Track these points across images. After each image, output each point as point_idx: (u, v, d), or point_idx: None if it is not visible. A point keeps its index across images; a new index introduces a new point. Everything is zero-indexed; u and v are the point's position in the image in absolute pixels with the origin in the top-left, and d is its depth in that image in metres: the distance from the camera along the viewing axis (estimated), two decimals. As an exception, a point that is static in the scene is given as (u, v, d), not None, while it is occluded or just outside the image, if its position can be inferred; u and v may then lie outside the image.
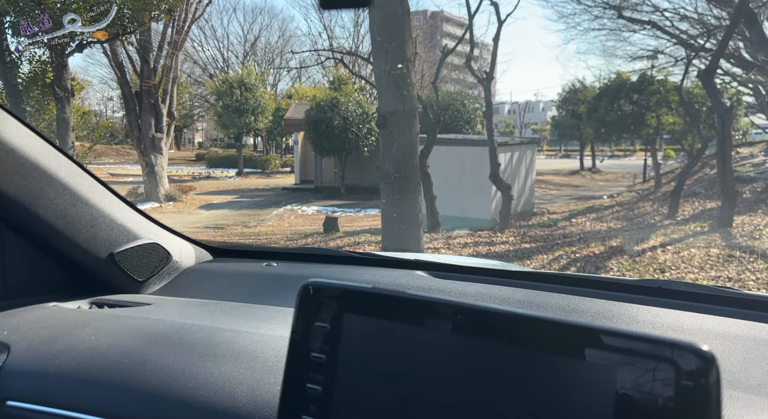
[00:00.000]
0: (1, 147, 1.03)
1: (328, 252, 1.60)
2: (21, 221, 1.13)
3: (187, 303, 1.20)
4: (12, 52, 8.07)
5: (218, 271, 1.43)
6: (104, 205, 1.24)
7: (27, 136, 1.09)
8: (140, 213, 1.36)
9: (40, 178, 1.10)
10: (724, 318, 1.03)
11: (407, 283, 1.30)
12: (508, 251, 8.37)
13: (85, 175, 1.22)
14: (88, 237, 1.20)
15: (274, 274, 1.39)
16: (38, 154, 1.10)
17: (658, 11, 13.39)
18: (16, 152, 1.05)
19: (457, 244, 8.98)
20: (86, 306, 1.19)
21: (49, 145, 1.15)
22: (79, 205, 1.18)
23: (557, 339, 0.53)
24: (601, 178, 25.50)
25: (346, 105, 18.11)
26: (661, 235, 8.25)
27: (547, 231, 10.24)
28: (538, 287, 1.26)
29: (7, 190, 1.05)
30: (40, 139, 1.12)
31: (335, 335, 0.65)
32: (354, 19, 32.02)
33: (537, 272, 1.35)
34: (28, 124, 1.12)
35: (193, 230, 12.02)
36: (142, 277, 1.31)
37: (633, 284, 1.24)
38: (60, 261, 1.22)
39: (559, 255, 7.72)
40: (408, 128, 6.36)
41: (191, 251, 1.46)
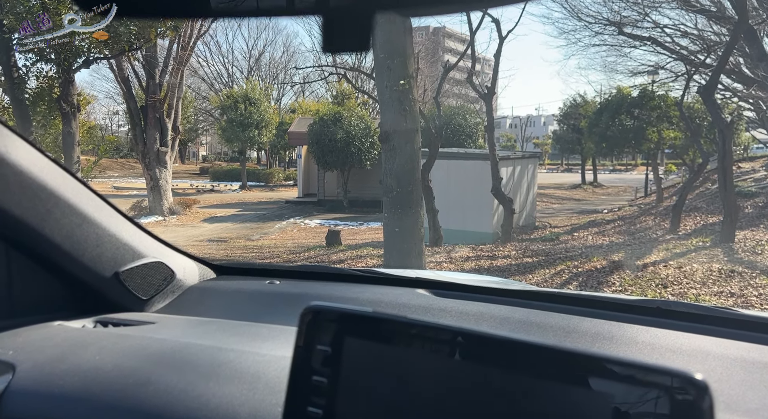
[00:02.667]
0: (9, 169, 1.05)
1: (330, 270, 1.61)
2: (28, 241, 1.15)
3: (190, 322, 1.22)
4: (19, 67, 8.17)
5: (221, 289, 1.44)
6: (110, 225, 1.25)
7: (35, 157, 1.12)
8: (145, 232, 1.38)
9: (47, 199, 1.12)
10: (723, 339, 1.04)
11: (408, 302, 1.31)
12: (510, 265, 8.36)
13: (92, 194, 1.24)
14: (93, 256, 1.21)
15: (277, 292, 1.41)
16: (46, 175, 1.12)
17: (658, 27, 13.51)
18: (25, 174, 1.08)
19: (459, 258, 8.97)
20: (91, 325, 1.20)
21: (57, 165, 1.17)
22: (86, 224, 1.20)
23: (556, 365, 0.54)
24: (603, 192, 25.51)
25: (348, 119, 18.23)
26: (663, 250, 8.23)
27: (549, 246, 10.23)
28: (538, 306, 1.27)
29: (14, 211, 1.07)
30: (47, 160, 1.15)
31: (336, 358, 0.66)
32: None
33: (537, 291, 1.36)
34: (36, 146, 1.14)
35: (196, 243, 12.04)
36: (146, 296, 1.32)
37: (632, 304, 1.25)
38: (66, 279, 1.23)
39: (561, 269, 7.70)
40: (410, 143, 6.40)
41: (195, 269, 1.48)
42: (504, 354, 0.58)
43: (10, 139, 1.07)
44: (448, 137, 20.82)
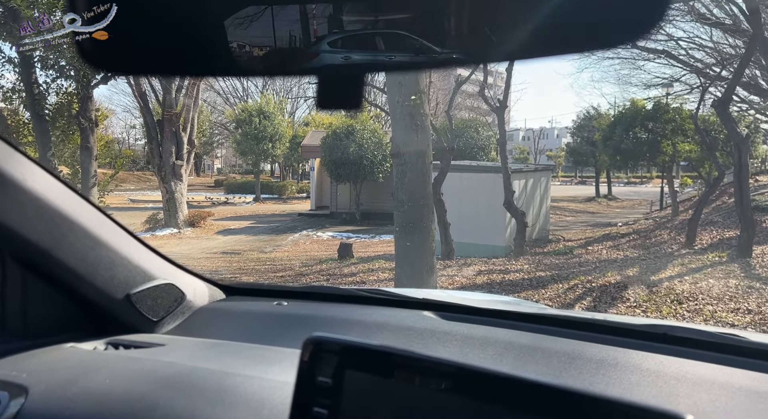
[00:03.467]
0: (26, 196, 1.09)
1: (337, 291, 1.63)
2: (44, 264, 1.18)
3: (199, 345, 1.24)
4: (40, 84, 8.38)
5: (230, 310, 1.46)
6: (122, 247, 1.29)
7: (51, 183, 1.15)
8: (156, 253, 1.41)
9: (62, 224, 1.15)
10: (729, 367, 1.03)
11: (414, 325, 1.32)
12: (523, 279, 8.30)
13: (105, 218, 1.28)
14: (106, 279, 1.24)
15: (285, 314, 1.43)
16: (61, 201, 1.15)
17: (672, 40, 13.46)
18: (41, 200, 1.11)
19: (471, 272, 8.93)
20: (102, 347, 1.23)
21: (71, 191, 1.21)
22: (99, 247, 1.23)
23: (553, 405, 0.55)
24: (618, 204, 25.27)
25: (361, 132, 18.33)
26: (679, 265, 8.13)
27: (563, 259, 10.14)
28: (543, 330, 1.28)
29: (30, 236, 1.11)
30: (62, 186, 1.18)
31: (337, 390, 0.68)
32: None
33: (543, 314, 1.36)
34: (51, 171, 1.18)
35: (210, 256, 12.13)
36: (156, 317, 1.35)
37: (639, 329, 1.24)
38: (79, 301, 1.26)
39: (575, 284, 7.63)
40: (421, 158, 6.42)
41: (205, 290, 1.50)
42: (502, 392, 0.59)
43: (28, 167, 1.11)
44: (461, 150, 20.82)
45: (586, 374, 1.05)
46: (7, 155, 1.08)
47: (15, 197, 1.08)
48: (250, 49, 0.54)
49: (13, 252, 1.17)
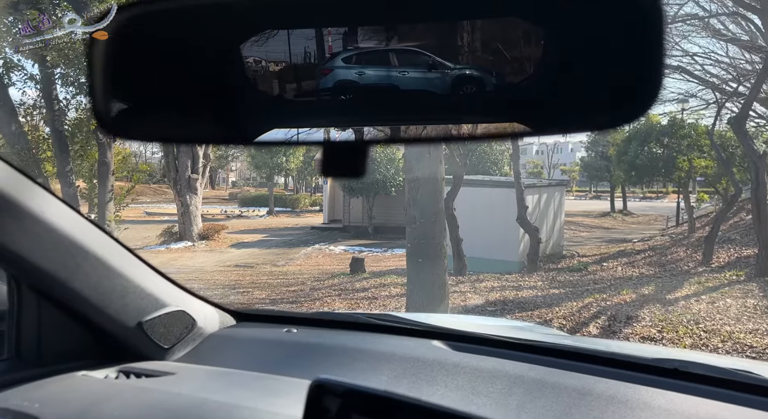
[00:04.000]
0: (43, 227, 1.11)
1: (346, 318, 1.63)
2: (58, 293, 1.20)
3: (208, 374, 1.25)
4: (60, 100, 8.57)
5: (240, 337, 1.47)
6: (135, 275, 1.30)
7: (66, 214, 1.18)
8: (168, 280, 1.42)
9: (77, 253, 1.18)
10: (742, 407, 1.02)
11: (422, 356, 1.32)
12: (536, 297, 8.23)
13: (118, 246, 1.30)
14: (119, 307, 1.26)
15: (294, 342, 1.43)
16: (76, 231, 1.18)
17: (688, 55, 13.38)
18: (57, 231, 1.14)
19: (484, 288, 8.88)
20: (113, 375, 1.24)
21: (86, 220, 1.23)
22: (112, 276, 1.25)
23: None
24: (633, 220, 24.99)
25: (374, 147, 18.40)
26: (695, 284, 8.00)
27: (577, 276, 10.04)
28: (553, 363, 1.26)
29: (46, 266, 1.13)
30: (77, 216, 1.21)
31: (341, 434, 0.68)
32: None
33: (553, 347, 1.35)
34: (66, 203, 1.21)
35: (223, 269, 12.20)
36: (167, 344, 1.36)
37: (650, 363, 1.23)
38: (91, 329, 1.28)
39: (589, 302, 7.55)
40: (433, 174, 6.44)
41: (215, 316, 1.52)
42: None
43: (45, 198, 1.13)
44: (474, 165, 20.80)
45: (596, 411, 1.04)
46: (25, 188, 1.11)
47: (32, 229, 1.10)
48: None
49: (29, 281, 1.19)
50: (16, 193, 1.09)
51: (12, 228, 1.08)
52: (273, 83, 0.68)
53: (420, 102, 0.67)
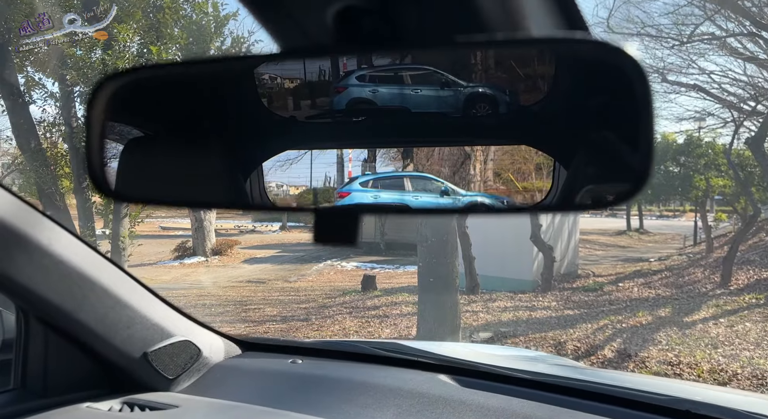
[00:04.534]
0: (51, 260, 1.12)
1: (353, 349, 1.62)
2: (65, 325, 1.21)
3: (212, 407, 1.24)
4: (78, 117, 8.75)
5: (245, 368, 1.46)
6: (141, 305, 1.31)
7: (74, 245, 1.19)
8: (174, 309, 1.43)
9: (84, 285, 1.18)
10: None
11: (429, 391, 1.30)
12: (550, 318, 8.12)
13: (126, 276, 1.31)
14: (124, 338, 1.26)
15: (299, 374, 1.42)
16: (84, 263, 1.19)
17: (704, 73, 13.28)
18: (65, 264, 1.15)
19: (497, 308, 8.78)
20: (117, 407, 1.24)
21: (94, 251, 1.24)
22: (119, 307, 1.25)
23: None
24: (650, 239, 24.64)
25: (388, 163, 18.44)
26: (713, 306, 7.84)
27: (592, 297, 9.90)
28: (562, 402, 1.24)
29: (54, 298, 1.14)
30: (85, 247, 1.22)
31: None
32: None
33: (563, 384, 1.32)
34: (75, 234, 1.22)
35: (236, 284, 12.23)
36: (172, 375, 1.35)
37: (663, 404, 1.20)
38: (97, 360, 1.28)
39: (604, 324, 7.42)
40: (446, 194, 6.42)
41: (221, 345, 1.51)
42: None
43: (54, 232, 1.15)
44: (488, 181, 20.73)
45: None
46: (35, 221, 1.12)
47: (41, 262, 1.11)
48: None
49: (36, 313, 1.20)
50: (26, 226, 1.10)
51: (21, 261, 1.10)
52: (287, 101, 0.69)
53: (432, 122, 0.68)
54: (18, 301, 1.21)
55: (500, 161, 0.72)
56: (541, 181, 0.69)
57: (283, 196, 0.90)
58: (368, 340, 2.08)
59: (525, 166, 0.74)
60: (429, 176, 0.64)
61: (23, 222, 1.10)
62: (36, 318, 1.21)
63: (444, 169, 0.69)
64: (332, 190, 0.68)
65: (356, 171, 0.67)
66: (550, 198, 0.67)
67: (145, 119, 0.66)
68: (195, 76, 0.66)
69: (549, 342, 6.62)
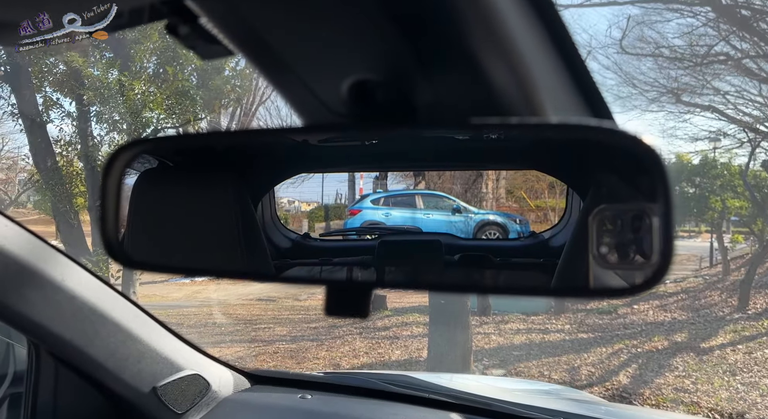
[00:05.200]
0: (63, 295, 1.13)
1: (361, 384, 1.59)
2: (75, 360, 1.21)
3: None
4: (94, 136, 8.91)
5: (254, 403, 1.45)
6: (151, 339, 1.31)
7: (86, 280, 1.19)
8: (184, 342, 1.42)
9: (95, 320, 1.19)
10: None
11: (439, 431, 1.28)
12: (564, 341, 7.99)
13: (137, 311, 1.31)
14: (134, 372, 1.26)
15: (308, 410, 1.40)
16: (96, 298, 1.19)
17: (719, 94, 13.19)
18: (77, 299, 1.15)
19: (509, 331, 8.67)
20: (125, 444, 1.23)
21: (105, 285, 1.25)
22: (129, 341, 1.25)
23: None
24: (665, 259, 24.27)
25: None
26: (731, 332, 7.68)
27: (607, 319, 9.74)
28: None
29: (65, 334, 1.14)
30: (98, 282, 1.22)
31: None
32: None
33: None
34: (88, 269, 1.22)
35: (246, 302, 12.23)
36: (181, 409, 1.34)
37: None
38: (106, 394, 1.28)
39: (619, 349, 7.29)
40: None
41: (230, 379, 1.50)
42: None
43: (66, 267, 1.15)
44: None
45: None
46: (47, 256, 1.13)
47: (53, 297, 1.12)
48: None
49: (48, 347, 1.20)
50: (39, 262, 1.11)
51: (34, 297, 1.10)
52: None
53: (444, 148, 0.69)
54: (30, 337, 1.21)
55: (513, 179, 0.71)
56: (554, 199, 0.68)
57: (294, 212, 0.90)
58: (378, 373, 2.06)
59: (538, 184, 0.72)
60: (440, 194, 0.64)
61: (37, 258, 1.10)
62: (47, 352, 1.22)
63: (456, 186, 0.68)
64: (344, 207, 0.68)
65: (367, 188, 0.67)
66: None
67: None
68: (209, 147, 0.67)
69: (562, 367, 6.51)
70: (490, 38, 0.42)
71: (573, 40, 0.46)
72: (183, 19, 0.58)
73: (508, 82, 0.45)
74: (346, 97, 0.47)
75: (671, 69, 13.20)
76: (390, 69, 0.49)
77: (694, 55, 12.65)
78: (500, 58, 0.43)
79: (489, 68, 0.45)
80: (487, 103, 0.46)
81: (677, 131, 18.13)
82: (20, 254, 1.06)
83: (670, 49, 13.11)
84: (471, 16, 0.41)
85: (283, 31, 0.52)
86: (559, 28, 0.44)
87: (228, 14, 0.52)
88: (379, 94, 0.45)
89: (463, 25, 0.42)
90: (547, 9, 0.43)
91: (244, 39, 0.55)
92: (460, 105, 0.48)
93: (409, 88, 0.47)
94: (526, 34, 0.43)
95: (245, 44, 0.56)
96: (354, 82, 0.46)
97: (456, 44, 0.44)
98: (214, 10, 0.52)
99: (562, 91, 0.49)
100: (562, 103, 0.50)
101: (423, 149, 0.71)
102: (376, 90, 0.46)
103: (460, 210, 0.89)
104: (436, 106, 0.48)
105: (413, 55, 0.47)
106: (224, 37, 0.57)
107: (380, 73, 0.49)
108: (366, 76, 0.46)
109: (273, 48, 0.53)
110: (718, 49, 12.31)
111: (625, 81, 14.02)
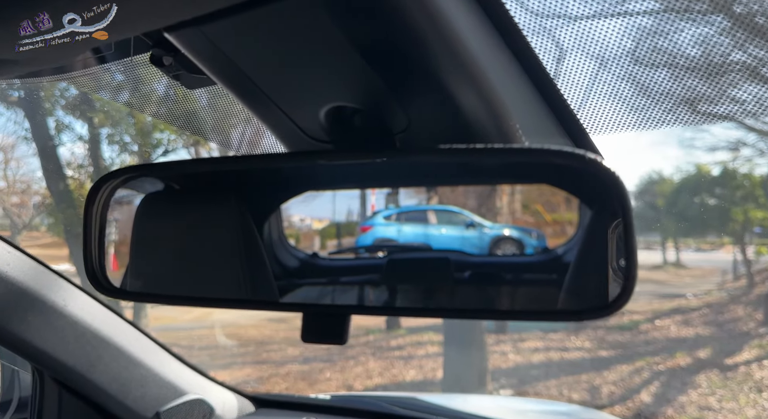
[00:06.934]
0: (66, 320, 1.13)
1: (367, 406, 1.57)
2: (78, 385, 1.21)
3: None
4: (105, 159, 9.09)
5: (257, 428, 1.44)
6: (154, 363, 1.30)
7: (89, 305, 1.20)
8: (188, 367, 1.42)
9: (98, 346, 1.19)
10: None
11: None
12: (584, 359, 7.83)
13: (139, 334, 1.31)
14: (137, 397, 1.26)
15: (312, 434, 1.39)
16: (98, 323, 1.20)
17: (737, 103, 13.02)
18: (79, 324, 1.16)
19: (527, 349, 8.53)
20: (126, 472, 1.22)
21: (109, 310, 1.25)
22: (132, 366, 1.25)
23: None
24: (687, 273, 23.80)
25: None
26: (756, 347, 7.45)
27: (628, 336, 9.54)
28: None
29: (68, 360, 1.15)
30: (101, 307, 1.23)
31: None
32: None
33: None
34: (91, 294, 1.23)
35: (257, 323, 12.22)
36: (184, 435, 1.34)
37: None
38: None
39: (641, 366, 7.12)
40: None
41: (234, 403, 1.49)
42: None
43: (69, 292, 1.16)
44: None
45: None
46: (51, 282, 1.14)
47: (56, 324, 1.13)
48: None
49: (51, 373, 1.21)
50: (42, 288, 1.12)
51: (37, 324, 1.11)
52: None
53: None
54: (33, 363, 1.22)
55: (528, 192, 0.74)
56: (571, 212, 0.71)
57: (306, 230, 0.91)
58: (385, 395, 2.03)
59: (554, 197, 0.75)
60: (454, 209, 0.64)
61: (39, 284, 1.12)
62: (51, 378, 1.22)
63: (470, 201, 0.70)
64: (355, 224, 0.69)
65: (379, 204, 0.67)
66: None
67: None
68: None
69: (583, 386, 6.37)
70: (455, 65, 0.42)
71: (543, 66, 0.46)
72: (165, 50, 0.59)
73: (477, 107, 0.45)
74: (325, 124, 0.47)
75: (687, 78, 13.10)
76: (365, 97, 0.49)
77: (709, 64, 12.55)
78: (468, 85, 0.43)
79: (458, 94, 0.45)
80: (458, 128, 0.46)
81: (696, 141, 17.91)
82: (23, 280, 1.08)
83: (685, 58, 13.03)
84: (435, 44, 0.41)
85: (260, 63, 0.52)
86: (526, 53, 0.44)
87: (205, 47, 0.52)
88: (357, 120, 0.46)
89: (428, 53, 0.42)
90: (512, 35, 0.43)
91: (223, 70, 0.56)
92: (432, 129, 0.48)
93: (384, 114, 0.48)
94: (492, 59, 0.43)
95: (224, 75, 0.57)
96: (331, 108, 0.47)
97: (423, 71, 0.44)
98: (193, 43, 0.53)
99: (534, 114, 0.49)
100: (534, 127, 0.49)
101: (433, 165, 0.71)
102: (353, 116, 0.46)
103: (474, 225, 0.88)
104: (409, 131, 0.48)
105: (386, 83, 0.47)
106: (205, 68, 0.58)
107: (356, 100, 0.49)
108: (342, 103, 0.47)
109: (251, 78, 0.54)
110: (734, 57, 12.20)
111: (640, 92, 13.94)
